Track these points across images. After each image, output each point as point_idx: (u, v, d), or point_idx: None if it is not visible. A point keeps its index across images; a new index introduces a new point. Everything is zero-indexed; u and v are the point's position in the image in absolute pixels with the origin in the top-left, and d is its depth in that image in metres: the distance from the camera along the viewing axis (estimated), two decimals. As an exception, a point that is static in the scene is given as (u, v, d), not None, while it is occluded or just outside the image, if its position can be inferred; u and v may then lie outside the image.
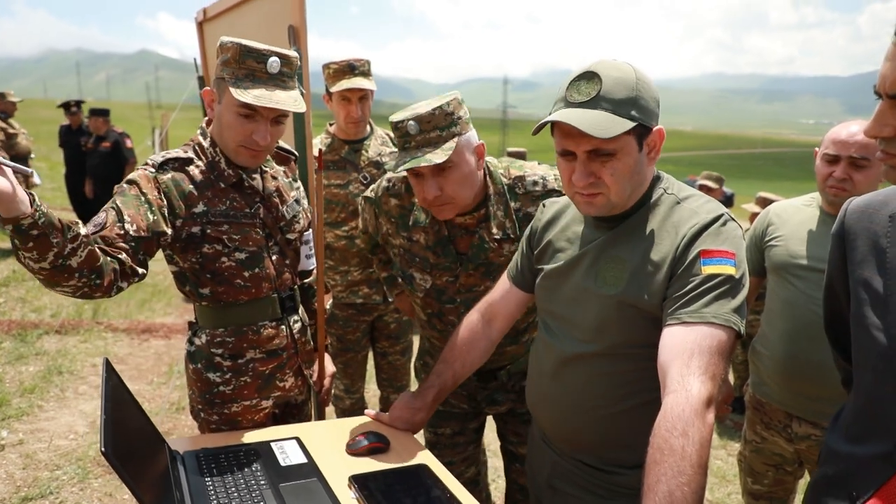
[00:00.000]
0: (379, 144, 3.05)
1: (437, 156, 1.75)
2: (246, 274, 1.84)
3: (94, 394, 4.35)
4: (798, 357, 2.12)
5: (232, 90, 1.67)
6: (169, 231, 1.70)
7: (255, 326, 1.88)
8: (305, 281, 2.15)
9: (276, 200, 1.92)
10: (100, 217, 1.62)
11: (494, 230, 1.92)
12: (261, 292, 1.88)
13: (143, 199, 1.66)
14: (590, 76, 1.38)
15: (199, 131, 1.85)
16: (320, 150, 2.24)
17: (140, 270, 1.63)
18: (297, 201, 2.01)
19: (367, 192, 2.14)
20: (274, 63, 1.71)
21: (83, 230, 1.43)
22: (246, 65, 1.70)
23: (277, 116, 1.76)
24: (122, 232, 1.60)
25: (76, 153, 8.40)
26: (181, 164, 1.77)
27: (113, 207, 1.63)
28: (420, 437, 1.89)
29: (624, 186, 1.41)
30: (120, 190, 1.68)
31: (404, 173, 1.99)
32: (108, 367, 1.41)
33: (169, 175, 1.74)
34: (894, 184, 1.11)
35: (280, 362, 1.95)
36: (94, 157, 7.90)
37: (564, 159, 1.44)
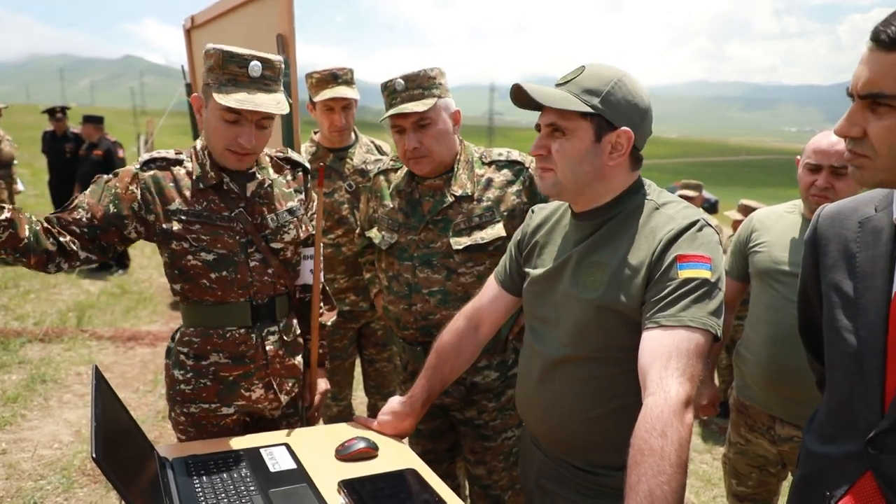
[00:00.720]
0: (364, 152, 3.05)
1: (418, 105, 2.02)
2: (213, 275, 1.85)
3: (79, 402, 4.32)
4: (780, 361, 2.16)
5: (215, 95, 1.72)
6: (131, 224, 1.82)
7: (222, 330, 1.89)
8: (309, 295, 2.13)
9: (262, 207, 1.92)
10: (70, 201, 1.79)
11: (455, 188, 2.12)
12: (228, 296, 1.87)
13: (111, 190, 1.80)
14: (579, 68, 1.49)
15: (201, 136, 1.92)
16: (322, 165, 2.31)
17: (83, 255, 1.77)
18: (292, 211, 1.99)
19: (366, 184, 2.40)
20: (255, 67, 1.75)
21: (5, 215, 1.58)
22: (228, 70, 1.73)
23: (261, 120, 1.79)
24: (77, 217, 1.76)
25: (61, 159, 8.31)
26: (167, 164, 1.86)
27: (83, 195, 1.80)
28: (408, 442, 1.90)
29: (570, 168, 1.47)
30: (97, 180, 1.83)
31: (392, 163, 2.30)
32: (98, 373, 1.41)
33: (150, 173, 1.84)
34: (859, 184, 1.15)
35: (247, 371, 1.92)
36: (86, 165, 7.81)
37: (538, 134, 1.54)
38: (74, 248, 1.74)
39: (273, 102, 1.75)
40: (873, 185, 1.13)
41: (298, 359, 2.06)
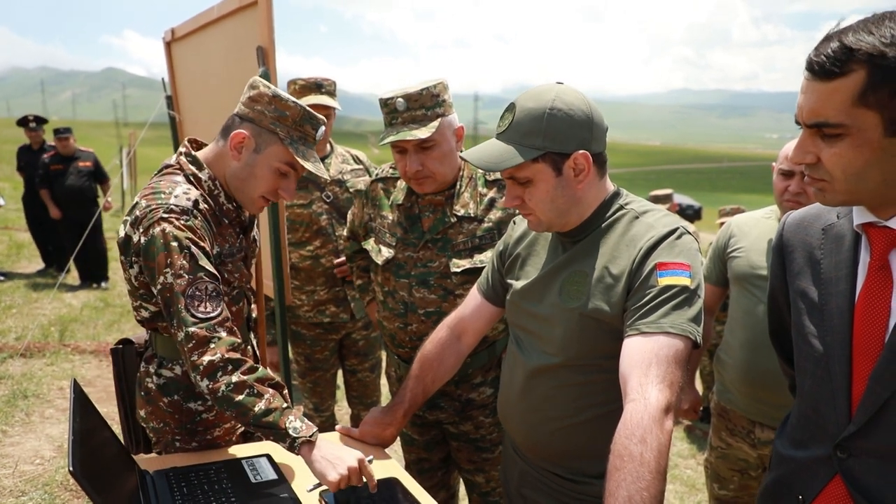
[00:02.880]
0: (340, 163, 3.06)
1: (421, 132, 1.91)
2: (234, 309, 1.82)
3: (61, 417, 4.27)
4: (758, 365, 2.19)
5: (296, 156, 1.70)
6: None
7: None
8: None
9: (249, 228, 1.92)
10: (201, 288, 1.57)
11: (458, 207, 2.05)
12: (240, 322, 1.87)
13: (205, 252, 1.62)
14: (510, 108, 1.48)
15: (186, 158, 1.74)
16: None
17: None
18: (257, 225, 2.01)
19: (360, 186, 2.33)
20: (322, 131, 1.78)
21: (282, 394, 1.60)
22: (303, 129, 1.73)
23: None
24: (222, 301, 1.62)
25: (44, 173, 7.73)
26: (195, 204, 1.65)
27: (207, 275, 1.59)
28: (390, 451, 1.90)
29: (547, 208, 1.49)
30: (196, 253, 1.58)
31: (391, 171, 2.20)
32: (76, 387, 1.41)
33: (199, 219, 1.64)
34: (823, 205, 1.17)
35: None
36: (77, 178, 7.52)
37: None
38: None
39: (322, 167, 1.79)
40: (836, 205, 1.15)
41: None
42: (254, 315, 2.15)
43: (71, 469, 1.10)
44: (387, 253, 2.12)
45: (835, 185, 1.09)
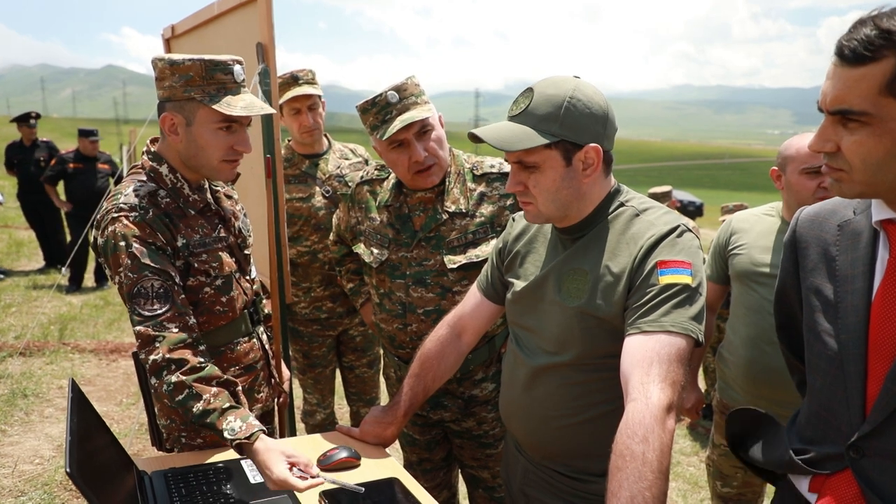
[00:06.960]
0: (338, 157, 3.06)
1: (423, 112, 1.92)
2: (223, 299, 1.82)
3: (61, 417, 4.26)
4: (760, 362, 2.17)
5: (216, 108, 1.65)
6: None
7: (232, 345, 1.87)
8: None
9: (231, 217, 1.92)
10: (146, 286, 1.59)
11: (448, 203, 2.03)
12: (236, 314, 1.86)
13: (154, 247, 1.63)
14: (527, 92, 1.46)
15: (147, 156, 1.78)
16: (268, 157, 2.28)
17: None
18: (245, 214, 2.02)
19: (344, 191, 2.28)
20: (239, 71, 1.72)
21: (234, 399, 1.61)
22: (215, 79, 1.67)
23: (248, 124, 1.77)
24: (179, 289, 1.66)
25: (37, 170, 7.73)
26: (151, 199, 1.69)
27: (153, 272, 1.60)
28: (391, 450, 1.89)
29: (550, 198, 1.46)
30: (139, 252, 1.60)
31: (377, 174, 2.19)
32: (74, 387, 1.40)
33: (150, 213, 1.65)
34: (840, 196, 1.15)
35: (256, 375, 1.94)
36: (95, 179, 7.45)
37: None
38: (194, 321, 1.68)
39: (261, 102, 1.73)
40: (853, 197, 1.13)
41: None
42: (266, 311, 2.15)
43: (68, 470, 1.09)
44: (379, 255, 2.10)
45: (853, 176, 1.07)
